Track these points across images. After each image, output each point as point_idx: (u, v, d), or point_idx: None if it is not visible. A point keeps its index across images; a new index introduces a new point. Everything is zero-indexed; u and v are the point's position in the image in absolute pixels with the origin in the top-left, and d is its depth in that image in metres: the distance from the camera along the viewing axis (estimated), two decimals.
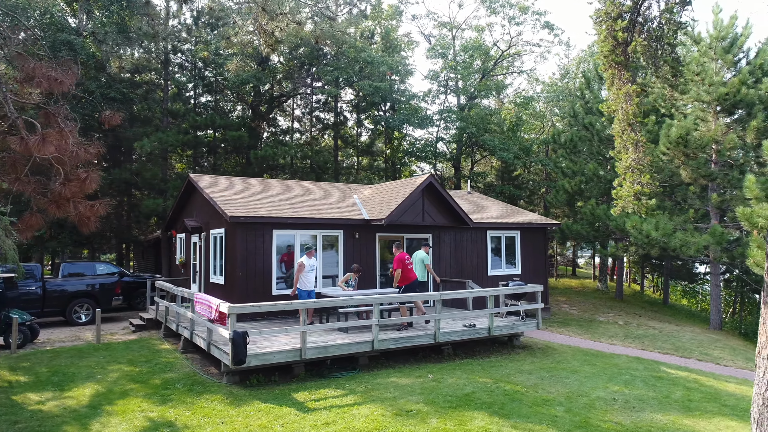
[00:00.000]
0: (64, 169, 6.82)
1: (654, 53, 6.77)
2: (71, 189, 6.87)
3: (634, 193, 8.99)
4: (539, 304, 12.45)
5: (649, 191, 8.91)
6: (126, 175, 21.66)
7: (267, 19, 8.13)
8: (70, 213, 7.18)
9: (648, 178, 8.99)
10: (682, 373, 10.94)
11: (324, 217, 13.58)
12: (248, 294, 12.68)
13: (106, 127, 8.97)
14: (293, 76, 26.47)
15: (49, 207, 6.81)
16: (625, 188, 9.45)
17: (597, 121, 21.74)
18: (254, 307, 8.91)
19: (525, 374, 10.06)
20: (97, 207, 7.37)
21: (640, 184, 8.99)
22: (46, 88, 6.65)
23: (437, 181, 14.50)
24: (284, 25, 8.05)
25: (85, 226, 7.31)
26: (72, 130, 6.84)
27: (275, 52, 8.59)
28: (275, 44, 8.29)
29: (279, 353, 9.08)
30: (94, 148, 7.22)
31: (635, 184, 9.04)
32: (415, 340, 10.62)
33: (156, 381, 9.29)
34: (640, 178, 8.94)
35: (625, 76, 7.72)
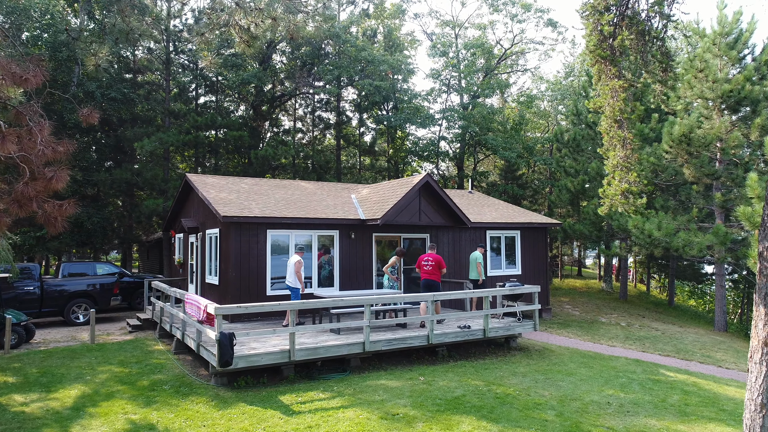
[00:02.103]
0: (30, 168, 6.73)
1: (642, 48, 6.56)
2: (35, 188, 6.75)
3: (622, 191, 8.78)
4: (536, 305, 12.24)
5: (637, 189, 8.69)
6: (127, 175, 21.69)
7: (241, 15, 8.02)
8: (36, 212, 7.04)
9: (635, 176, 8.77)
10: (681, 376, 10.70)
11: (319, 217, 13.46)
12: (242, 294, 12.59)
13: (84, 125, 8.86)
14: (295, 75, 26.40)
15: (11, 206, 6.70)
16: (613, 186, 9.24)
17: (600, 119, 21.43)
18: (240, 308, 8.81)
19: (519, 377, 9.87)
20: (65, 207, 7.25)
21: (628, 183, 8.76)
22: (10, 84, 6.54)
23: (434, 181, 14.33)
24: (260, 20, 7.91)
25: (52, 226, 7.20)
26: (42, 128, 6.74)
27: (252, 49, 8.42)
28: (251, 40, 8.15)
29: (267, 355, 8.97)
30: (63, 146, 7.11)
31: (623, 182, 8.82)
32: (408, 342, 10.47)
33: (144, 382, 9.21)
34: (627, 176, 8.72)
35: (612, 71, 7.51)
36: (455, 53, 27.44)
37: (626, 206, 8.89)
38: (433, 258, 12.15)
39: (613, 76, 7.55)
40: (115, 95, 21.43)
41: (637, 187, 8.73)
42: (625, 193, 8.76)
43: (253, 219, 12.62)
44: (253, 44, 7.87)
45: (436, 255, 12.21)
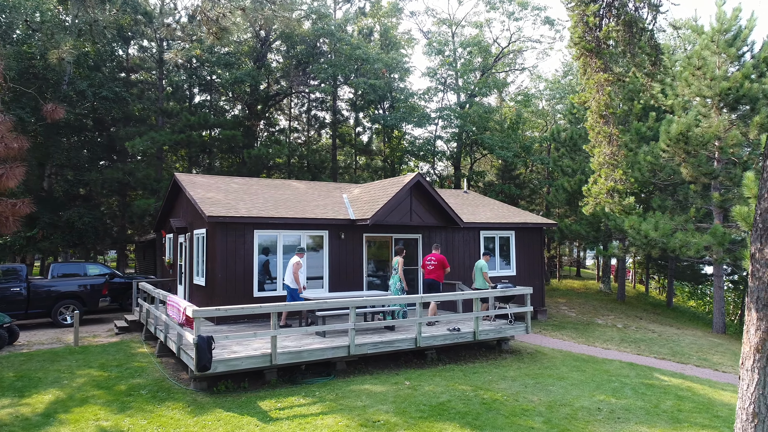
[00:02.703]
0: None
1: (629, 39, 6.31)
2: None
3: (608, 190, 8.50)
4: (528, 307, 11.97)
5: (623, 188, 8.42)
6: (118, 175, 21.46)
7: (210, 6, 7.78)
8: None
9: (621, 174, 8.49)
10: (675, 380, 10.42)
11: (308, 217, 13.21)
12: (228, 296, 12.34)
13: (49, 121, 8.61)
14: (290, 74, 26.15)
15: None
16: (599, 185, 8.96)
17: None
18: (219, 311, 8.56)
19: (508, 381, 9.61)
20: (19, 206, 6.98)
21: (614, 181, 8.48)
22: None
23: (425, 180, 14.07)
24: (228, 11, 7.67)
25: (4, 225, 6.93)
26: None
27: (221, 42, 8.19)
28: (220, 32, 7.90)
29: (247, 359, 8.72)
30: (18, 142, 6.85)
31: (609, 180, 8.54)
32: (395, 345, 10.20)
33: (121, 387, 8.96)
34: (613, 174, 8.44)
35: (597, 63, 7.25)
36: (451, 51, 27.16)
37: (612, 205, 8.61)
38: (436, 258, 12.40)
39: (598, 69, 7.29)
40: (107, 94, 21.20)
41: (623, 186, 8.46)
42: (610, 192, 8.48)
43: (240, 219, 12.37)
44: (222, 37, 7.62)
45: (440, 255, 12.46)
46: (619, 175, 8.38)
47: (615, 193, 8.29)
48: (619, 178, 8.38)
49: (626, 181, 8.51)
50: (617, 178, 8.33)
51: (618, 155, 8.44)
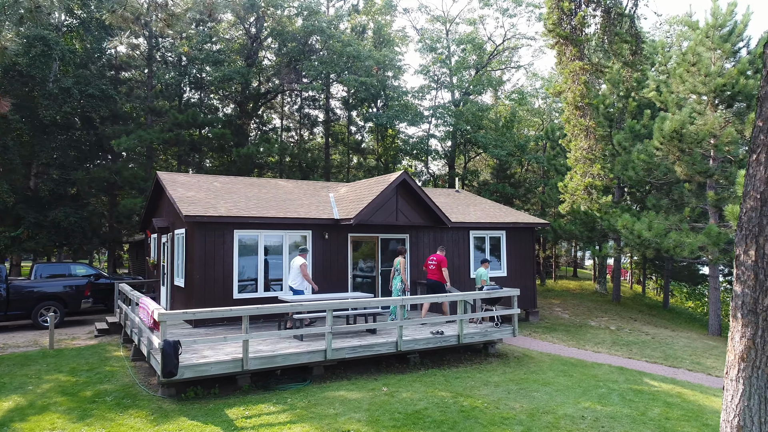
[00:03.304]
0: None
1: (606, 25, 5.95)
2: None
3: (585, 186, 8.11)
4: (515, 309, 11.62)
5: (600, 184, 8.02)
6: (105, 174, 21.12)
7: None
8: None
9: (599, 168, 8.10)
10: (665, 385, 10.06)
11: (290, 216, 12.85)
12: (206, 298, 11.99)
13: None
14: (281, 72, 25.79)
15: None
16: (575, 181, 8.56)
17: None
18: (187, 314, 8.21)
19: (491, 387, 9.25)
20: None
21: (591, 176, 8.09)
22: None
23: (411, 179, 13.72)
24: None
25: None
26: None
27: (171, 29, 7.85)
28: (170, 19, 7.57)
29: (217, 364, 8.37)
30: None
31: (586, 176, 8.15)
32: (375, 349, 9.86)
33: (87, 393, 8.62)
34: (591, 169, 8.04)
35: (572, 51, 6.89)
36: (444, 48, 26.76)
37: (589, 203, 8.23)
38: (437, 258, 12.48)
39: (573, 57, 6.93)
40: (93, 92, 20.86)
41: (601, 182, 8.07)
42: (588, 188, 8.09)
43: (219, 219, 12.02)
44: (173, 24, 7.28)
45: (441, 255, 12.53)
46: (596, 170, 8.00)
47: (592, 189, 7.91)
48: (597, 173, 8.00)
49: (604, 176, 8.12)
50: (594, 173, 7.95)
51: (595, 149, 8.07)
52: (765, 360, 5.09)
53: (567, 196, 8.40)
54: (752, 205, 5.05)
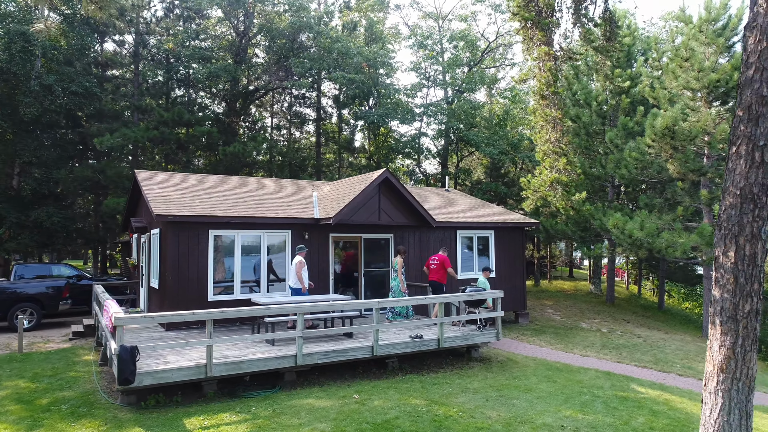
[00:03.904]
0: None
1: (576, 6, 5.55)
2: None
3: (550, 182, 7.64)
4: (499, 311, 11.21)
5: (567, 180, 7.55)
6: (88, 173, 20.72)
7: None
8: None
9: (565, 163, 7.63)
10: (653, 391, 9.65)
11: (268, 216, 12.45)
12: (180, 300, 11.59)
13: None
14: (271, 69, 25.39)
15: None
16: (541, 176, 8.10)
17: (584, 113, 20.37)
18: (146, 318, 7.81)
19: (469, 394, 8.84)
20: None
21: (558, 171, 7.63)
22: None
23: (394, 177, 13.31)
24: None
25: None
26: None
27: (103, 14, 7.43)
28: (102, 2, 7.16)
29: (179, 371, 7.96)
30: None
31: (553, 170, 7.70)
32: (349, 354, 9.45)
33: (43, 401, 8.21)
34: (557, 164, 7.58)
35: (539, 35, 6.47)
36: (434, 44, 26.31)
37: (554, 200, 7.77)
38: (439, 258, 12.53)
39: (540, 42, 6.50)
40: (76, 89, 20.46)
41: (568, 177, 7.59)
42: (553, 184, 7.63)
43: (193, 218, 11.62)
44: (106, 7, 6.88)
45: (442, 255, 12.54)
46: (562, 164, 7.53)
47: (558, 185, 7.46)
48: (563, 168, 7.54)
49: (571, 171, 7.66)
50: (561, 168, 7.49)
51: (563, 142, 7.62)
52: (746, 372, 4.68)
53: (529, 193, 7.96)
54: (731, 201, 4.64)
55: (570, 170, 7.32)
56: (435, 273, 12.66)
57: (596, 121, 20.19)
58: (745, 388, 4.61)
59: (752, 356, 4.58)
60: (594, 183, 21.00)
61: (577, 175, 7.88)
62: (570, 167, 7.31)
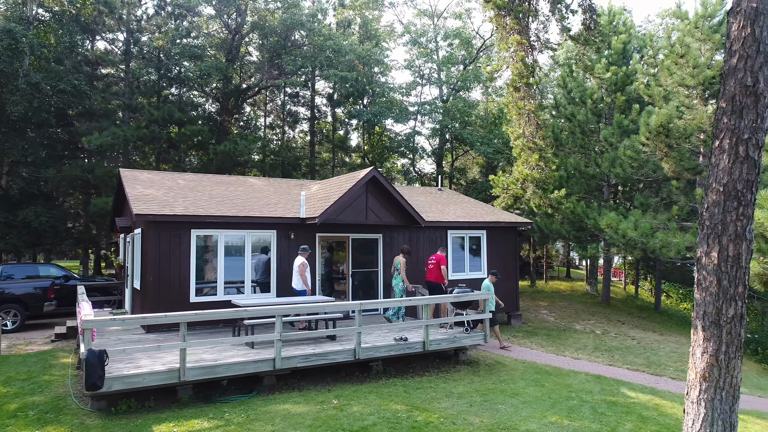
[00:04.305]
0: None
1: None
2: None
3: (522, 178, 7.32)
4: (486, 314, 10.94)
5: (539, 176, 7.21)
6: (76, 172, 20.46)
7: None
8: None
9: (537, 158, 7.30)
10: (643, 396, 9.37)
11: (252, 215, 12.17)
12: (161, 301, 11.32)
13: None
14: (264, 68, 25.12)
15: None
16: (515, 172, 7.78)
17: (579, 111, 20.10)
18: (115, 321, 7.53)
19: (453, 399, 8.57)
20: None
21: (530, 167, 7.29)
22: None
23: (381, 175, 13.03)
24: None
25: None
26: None
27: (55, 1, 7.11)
28: None
29: (151, 375, 7.70)
30: None
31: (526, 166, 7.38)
32: (330, 357, 9.18)
33: (11, 406, 7.95)
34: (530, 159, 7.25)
35: (511, 23, 6.18)
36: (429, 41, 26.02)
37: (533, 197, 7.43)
38: (436, 258, 12.68)
39: (512, 30, 6.21)
40: (65, 87, 20.20)
41: (540, 174, 7.26)
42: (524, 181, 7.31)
43: (174, 218, 11.35)
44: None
45: (439, 254, 12.72)
46: (534, 160, 7.18)
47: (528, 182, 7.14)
48: (535, 164, 7.20)
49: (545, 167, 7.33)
50: (533, 163, 7.15)
51: (536, 136, 7.28)
52: (730, 380, 4.40)
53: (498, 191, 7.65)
54: (715, 199, 4.36)
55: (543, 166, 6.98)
56: (431, 273, 12.78)
57: (591, 120, 19.92)
58: (729, 398, 4.33)
59: (737, 364, 4.30)
60: (590, 182, 20.76)
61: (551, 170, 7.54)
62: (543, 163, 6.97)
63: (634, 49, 20.34)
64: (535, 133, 6.92)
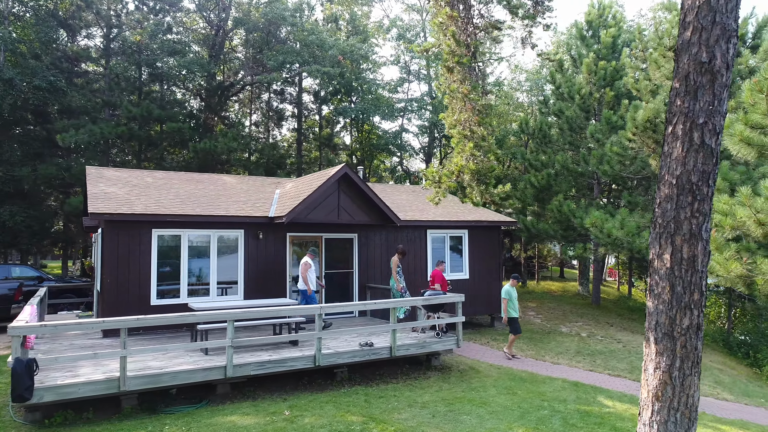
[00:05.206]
0: None
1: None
2: None
3: (457, 170, 6.76)
4: (459, 317, 10.42)
5: (475, 167, 6.64)
6: (52, 171, 19.96)
7: None
8: None
9: (472, 147, 6.71)
10: (621, 405, 8.84)
11: (217, 214, 11.66)
12: (119, 304, 10.82)
13: None
14: (248, 64, 24.59)
15: None
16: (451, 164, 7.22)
17: (568, 107, 19.58)
18: (31, 328, 7.01)
19: (416, 408, 8.05)
20: None
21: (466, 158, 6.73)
22: None
23: (354, 173, 12.52)
24: None
25: None
26: None
27: None
28: None
29: (87, 385, 7.19)
30: None
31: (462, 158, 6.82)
32: (288, 365, 8.66)
33: None
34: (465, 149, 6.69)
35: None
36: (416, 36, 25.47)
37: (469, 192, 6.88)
38: (433, 274, 11.88)
39: (443, 3, 5.67)
40: (40, 83, 19.68)
41: (476, 164, 6.69)
42: (458, 173, 6.77)
43: (133, 217, 10.84)
44: None
45: (436, 270, 11.92)
46: (469, 149, 6.62)
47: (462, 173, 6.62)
48: (470, 154, 6.64)
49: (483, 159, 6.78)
50: (467, 153, 6.61)
51: (472, 122, 6.70)
52: (685, 400, 3.86)
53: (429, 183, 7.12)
54: (667, 193, 3.84)
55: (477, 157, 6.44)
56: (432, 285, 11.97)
57: (580, 116, 19.40)
58: (684, 420, 3.80)
59: (693, 381, 3.77)
60: (578, 180, 20.22)
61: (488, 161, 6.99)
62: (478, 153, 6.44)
63: (623, 43, 19.81)
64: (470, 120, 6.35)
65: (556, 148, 20.37)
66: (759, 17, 14.60)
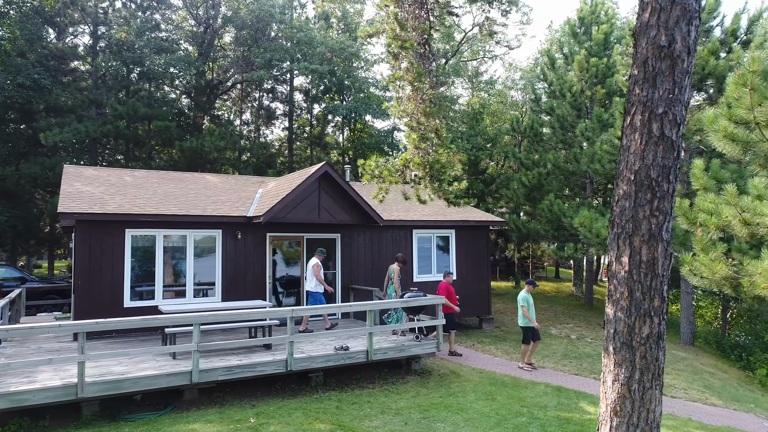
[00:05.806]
0: None
1: None
2: None
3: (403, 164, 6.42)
4: (440, 320, 10.12)
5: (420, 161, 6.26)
6: (36, 170, 19.66)
7: None
8: None
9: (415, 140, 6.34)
10: None
11: (194, 214, 11.36)
12: (91, 306, 10.53)
13: None
14: (238, 62, 24.30)
15: None
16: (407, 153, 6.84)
17: (560, 105, 19.27)
18: None
19: (389, 415, 7.75)
20: None
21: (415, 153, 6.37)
22: None
23: (335, 171, 12.22)
24: None
25: None
26: None
27: None
28: None
29: (42, 392, 6.89)
30: None
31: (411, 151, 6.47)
32: (258, 369, 8.36)
33: None
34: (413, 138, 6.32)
35: None
36: None
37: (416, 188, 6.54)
38: (440, 285, 11.83)
39: None
40: (23, 81, 19.39)
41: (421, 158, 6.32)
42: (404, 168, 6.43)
43: (106, 216, 10.55)
44: None
45: (443, 282, 11.79)
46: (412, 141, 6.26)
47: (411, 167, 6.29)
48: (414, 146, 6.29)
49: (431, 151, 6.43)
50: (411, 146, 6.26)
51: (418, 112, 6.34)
52: (645, 416, 3.56)
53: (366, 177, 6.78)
54: (625, 190, 3.54)
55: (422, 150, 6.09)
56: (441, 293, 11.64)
57: (572, 114, 19.10)
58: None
59: (654, 395, 3.46)
60: (570, 179, 19.92)
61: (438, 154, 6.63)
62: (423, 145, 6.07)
63: (616, 39, 19.51)
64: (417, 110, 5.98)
65: (548, 146, 20.07)
66: (751, 12, 14.28)
